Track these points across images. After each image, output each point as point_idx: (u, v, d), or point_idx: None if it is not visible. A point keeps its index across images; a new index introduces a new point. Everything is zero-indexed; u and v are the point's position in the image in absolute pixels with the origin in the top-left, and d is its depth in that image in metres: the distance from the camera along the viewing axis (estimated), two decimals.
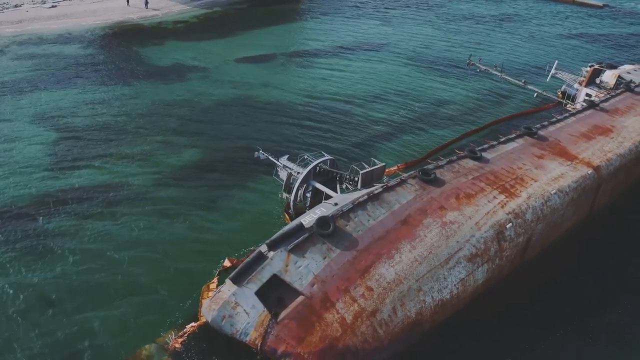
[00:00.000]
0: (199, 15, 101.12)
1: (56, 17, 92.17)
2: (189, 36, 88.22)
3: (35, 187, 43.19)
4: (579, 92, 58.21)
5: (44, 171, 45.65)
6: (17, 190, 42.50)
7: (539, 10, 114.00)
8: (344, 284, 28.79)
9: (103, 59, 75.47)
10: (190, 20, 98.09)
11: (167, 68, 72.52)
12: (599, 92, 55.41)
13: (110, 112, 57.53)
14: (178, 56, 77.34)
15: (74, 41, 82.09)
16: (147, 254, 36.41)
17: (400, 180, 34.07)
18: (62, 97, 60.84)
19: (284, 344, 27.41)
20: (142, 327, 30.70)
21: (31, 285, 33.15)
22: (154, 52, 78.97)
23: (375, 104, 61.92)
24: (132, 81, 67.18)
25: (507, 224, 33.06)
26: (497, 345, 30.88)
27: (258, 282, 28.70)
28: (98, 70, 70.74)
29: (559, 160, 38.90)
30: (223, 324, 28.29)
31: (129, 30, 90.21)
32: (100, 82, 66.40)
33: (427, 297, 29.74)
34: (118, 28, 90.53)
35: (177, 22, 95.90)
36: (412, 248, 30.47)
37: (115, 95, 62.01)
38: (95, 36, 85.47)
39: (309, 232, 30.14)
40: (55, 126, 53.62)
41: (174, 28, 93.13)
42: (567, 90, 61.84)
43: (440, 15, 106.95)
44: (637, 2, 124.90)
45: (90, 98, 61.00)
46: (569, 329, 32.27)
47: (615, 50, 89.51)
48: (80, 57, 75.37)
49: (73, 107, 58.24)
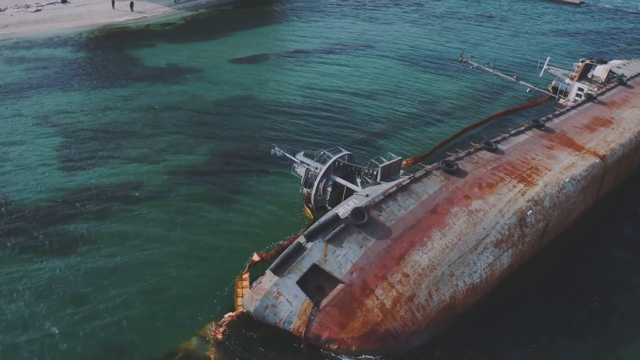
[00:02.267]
0: (186, 17, 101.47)
1: (42, 21, 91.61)
2: (178, 38, 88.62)
3: (53, 187, 43.45)
4: (571, 87, 60.38)
5: (58, 171, 45.93)
6: (36, 191, 42.77)
7: (519, 8, 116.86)
8: (381, 271, 30.03)
9: (97, 61, 75.57)
10: (178, 22, 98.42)
11: (162, 69, 72.92)
12: (590, 86, 57.63)
13: (113, 113, 57.84)
14: (171, 58, 77.76)
15: (65, 44, 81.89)
16: (172, 249, 37.01)
17: (426, 172, 35.52)
18: (62, 99, 60.93)
19: (327, 330, 28.55)
20: (180, 321, 31.32)
21: (64, 282, 33.51)
22: (146, 54, 79.24)
23: (374, 101, 63.36)
24: (130, 83, 67.43)
25: (528, 211, 34.74)
26: (523, 327, 32.34)
27: (299, 272, 29.75)
28: (93, 72, 70.93)
29: (567, 150, 40.81)
30: (266, 313, 29.29)
31: (117, 33, 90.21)
32: (97, 84, 66.57)
33: (460, 282, 31.15)
34: (106, 31, 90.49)
35: (164, 25, 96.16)
36: (443, 235, 31.87)
37: (115, 97, 62.26)
38: (84, 39, 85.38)
39: (344, 222, 31.29)
40: (62, 128, 53.78)
41: (163, 30, 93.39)
42: (557, 85, 64.12)
43: (424, 15, 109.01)
44: (613, 0, 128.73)
45: (90, 100, 61.21)
46: (587, 310, 33.92)
47: (596, 45, 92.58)
48: (74, 60, 75.34)
49: (75, 108, 58.41)
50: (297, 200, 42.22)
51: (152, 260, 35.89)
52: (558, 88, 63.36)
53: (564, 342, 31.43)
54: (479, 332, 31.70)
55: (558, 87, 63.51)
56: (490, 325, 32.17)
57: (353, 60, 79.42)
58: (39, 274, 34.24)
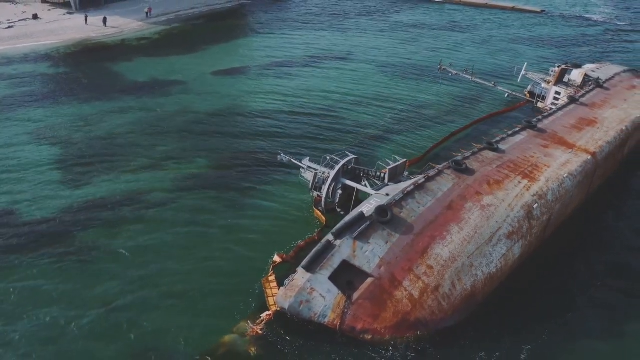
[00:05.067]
0: (160, 31, 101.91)
1: (17, 37, 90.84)
2: (156, 52, 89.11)
3: (58, 200, 43.81)
4: (548, 91, 63.66)
5: (60, 185, 46.15)
6: (43, 206, 43.05)
7: (483, 18, 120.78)
8: (407, 264, 31.88)
9: (79, 76, 75.53)
10: (152, 36, 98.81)
11: (146, 83, 73.39)
12: (567, 90, 60.98)
13: (105, 126, 58.06)
14: (152, 71, 78.20)
15: (43, 60, 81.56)
16: (191, 254, 38.04)
17: (438, 171, 37.75)
18: (51, 114, 60.85)
19: (361, 321, 30.22)
20: (214, 321, 32.51)
21: (93, 296, 34.16)
22: (127, 68, 79.59)
23: (360, 108, 65.11)
24: (116, 96, 67.68)
25: (534, 205, 37.15)
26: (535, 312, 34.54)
27: (330, 268, 31.40)
28: (78, 87, 70.86)
29: (561, 148, 43.61)
30: (301, 309, 30.74)
31: (94, 48, 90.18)
32: (84, 98, 66.52)
33: (478, 272, 33.21)
34: (83, 46, 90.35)
35: (140, 39, 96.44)
36: (460, 229, 33.94)
37: (104, 110, 62.42)
38: (62, 55, 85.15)
39: (369, 220, 33.11)
40: (56, 142, 53.75)
41: (139, 44, 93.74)
42: (533, 89, 67.44)
43: (393, 25, 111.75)
44: (571, 7, 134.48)
45: (80, 114, 61.18)
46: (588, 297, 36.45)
47: (564, 50, 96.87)
48: (55, 75, 75.24)
49: (67, 123, 58.44)
50: (305, 203, 43.70)
51: (174, 267, 36.78)
52: (535, 92, 66.55)
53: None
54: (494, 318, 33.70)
55: (535, 92, 66.70)
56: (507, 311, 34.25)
57: (332, 69, 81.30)
58: (68, 284, 34.97)
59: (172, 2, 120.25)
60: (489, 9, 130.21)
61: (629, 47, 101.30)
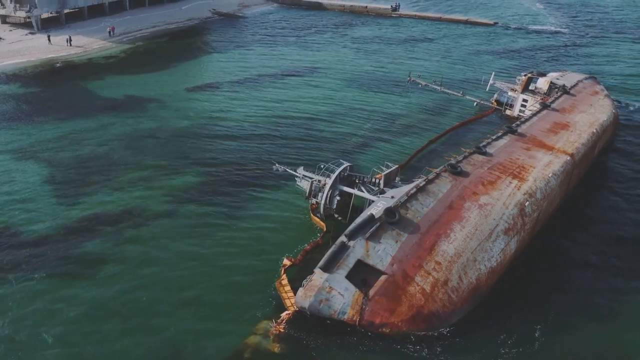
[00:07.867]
0: (125, 50, 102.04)
1: None
2: (125, 69, 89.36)
3: (54, 217, 44.47)
4: (516, 99, 67.18)
5: (54, 203, 46.60)
6: (37, 222, 43.72)
7: (440, 32, 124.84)
8: (417, 261, 33.94)
9: (51, 95, 75.46)
10: (119, 55, 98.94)
11: (122, 100, 73.76)
12: (534, 97, 64.56)
13: (88, 144, 58.33)
14: (126, 89, 78.53)
15: (12, 80, 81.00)
16: (195, 263, 39.34)
17: (436, 174, 40.15)
18: (30, 134, 60.78)
19: (379, 316, 32.06)
20: (234, 322, 33.87)
21: (103, 305, 35.26)
22: (99, 86, 79.77)
23: (334, 122, 66.69)
24: (94, 114, 67.75)
25: (526, 202, 39.80)
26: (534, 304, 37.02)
27: (346, 268, 33.21)
28: (52, 106, 70.62)
29: (542, 150, 46.59)
30: (321, 307, 32.39)
31: (62, 67, 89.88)
32: (61, 117, 66.40)
33: (482, 266, 35.50)
34: (50, 65, 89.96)
35: (107, 57, 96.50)
36: (462, 227, 36.23)
37: (84, 129, 62.55)
38: (31, 74, 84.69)
39: (379, 221, 35.11)
40: (41, 162, 54.01)
41: (107, 63, 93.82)
42: (499, 97, 70.91)
43: (355, 40, 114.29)
44: (520, 18, 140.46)
45: (60, 133, 61.18)
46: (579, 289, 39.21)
47: (521, 60, 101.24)
48: (27, 95, 74.93)
49: (48, 142, 58.54)
50: (303, 210, 45.30)
51: (184, 275, 37.96)
52: (502, 100, 70.00)
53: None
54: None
55: (501, 100, 70.14)
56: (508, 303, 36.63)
57: (303, 84, 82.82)
58: (88, 296, 35.78)
59: (133, 20, 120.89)
60: (444, 22, 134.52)
61: (581, 54, 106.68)
